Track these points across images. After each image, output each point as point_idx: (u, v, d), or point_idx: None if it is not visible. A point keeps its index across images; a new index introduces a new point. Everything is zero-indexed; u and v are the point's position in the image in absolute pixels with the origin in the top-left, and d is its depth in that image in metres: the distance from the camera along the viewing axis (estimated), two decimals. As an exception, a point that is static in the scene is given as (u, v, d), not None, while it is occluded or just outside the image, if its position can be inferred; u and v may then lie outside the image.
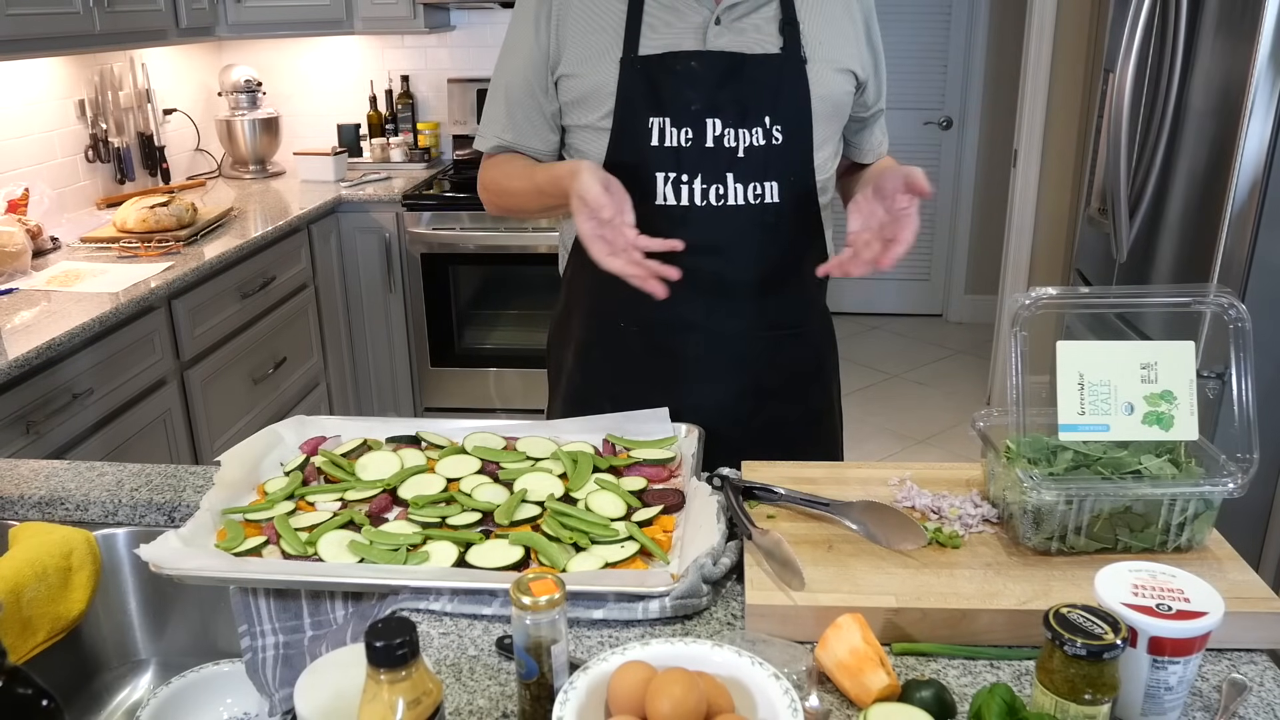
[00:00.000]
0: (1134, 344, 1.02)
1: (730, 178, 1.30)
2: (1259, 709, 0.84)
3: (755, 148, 1.30)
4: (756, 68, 1.29)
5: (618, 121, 1.31)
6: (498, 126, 1.41)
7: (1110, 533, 1.00)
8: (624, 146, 1.32)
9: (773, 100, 1.30)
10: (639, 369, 1.39)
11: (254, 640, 1.04)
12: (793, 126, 1.32)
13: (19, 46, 2.37)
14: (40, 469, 1.31)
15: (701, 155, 1.30)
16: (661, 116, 1.30)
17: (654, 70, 1.29)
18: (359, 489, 1.15)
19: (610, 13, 1.31)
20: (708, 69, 1.29)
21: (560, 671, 0.80)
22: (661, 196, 1.31)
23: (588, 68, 1.31)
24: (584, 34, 1.32)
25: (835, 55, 1.34)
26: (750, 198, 1.31)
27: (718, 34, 1.29)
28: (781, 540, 0.99)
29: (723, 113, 1.29)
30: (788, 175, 1.33)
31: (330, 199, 3.30)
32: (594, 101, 1.32)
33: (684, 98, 1.29)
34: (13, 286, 2.31)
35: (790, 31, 1.31)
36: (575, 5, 1.32)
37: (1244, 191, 1.96)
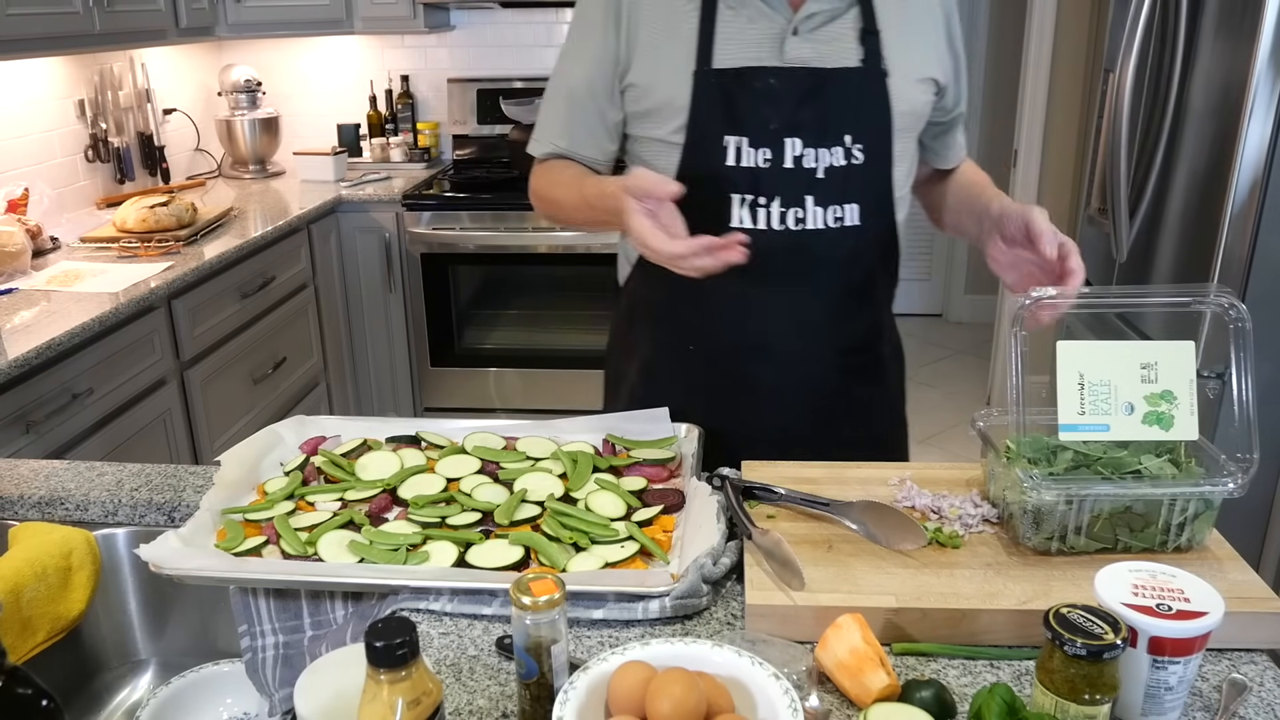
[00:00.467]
0: (1134, 344, 1.02)
1: (809, 200, 1.24)
2: (1259, 709, 0.84)
3: (835, 168, 1.24)
4: (837, 83, 1.23)
5: (690, 138, 1.25)
6: (553, 132, 1.35)
7: (1110, 533, 1.00)
8: (696, 164, 1.26)
9: (854, 117, 1.24)
10: (706, 389, 1.34)
11: (254, 640, 1.04)
12: (874, 144, 1.26)
13: (19, 46, 2.37)
14: (40, 469, 1.31)
15: (780, 177, 1.24)
16: (738, 135, 1.23)
17: (730, 86, 1.23)
18: (359, 489, 1.15)
19: (683, 19, 1.24)
20: (787, 86, 1.22)
21: (560, 671, 0.80)
22: (737, 219, 1.25)
23: (659, 79, 1.25)
24: (655, 41, 1.26)
25: (917, 64, 1.27)
26: (830, 221, 1.25)
27: (795, 45, 1.23)
28: (781, 540, 0.99)
29: (803, 132, 1.23)
30: (868, 196, 1.27)
31: (330, 199, 3.30)
32: (665, 115, 1.26)
33: (762, 116, 1.22)
34: (12, 286, 2.31)
35: (871, 41, 1.24)
36: (647, 8, 1.26)
37: (1244, 191, 1.96)
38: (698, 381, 1.35)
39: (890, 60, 1.25)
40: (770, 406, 1.33)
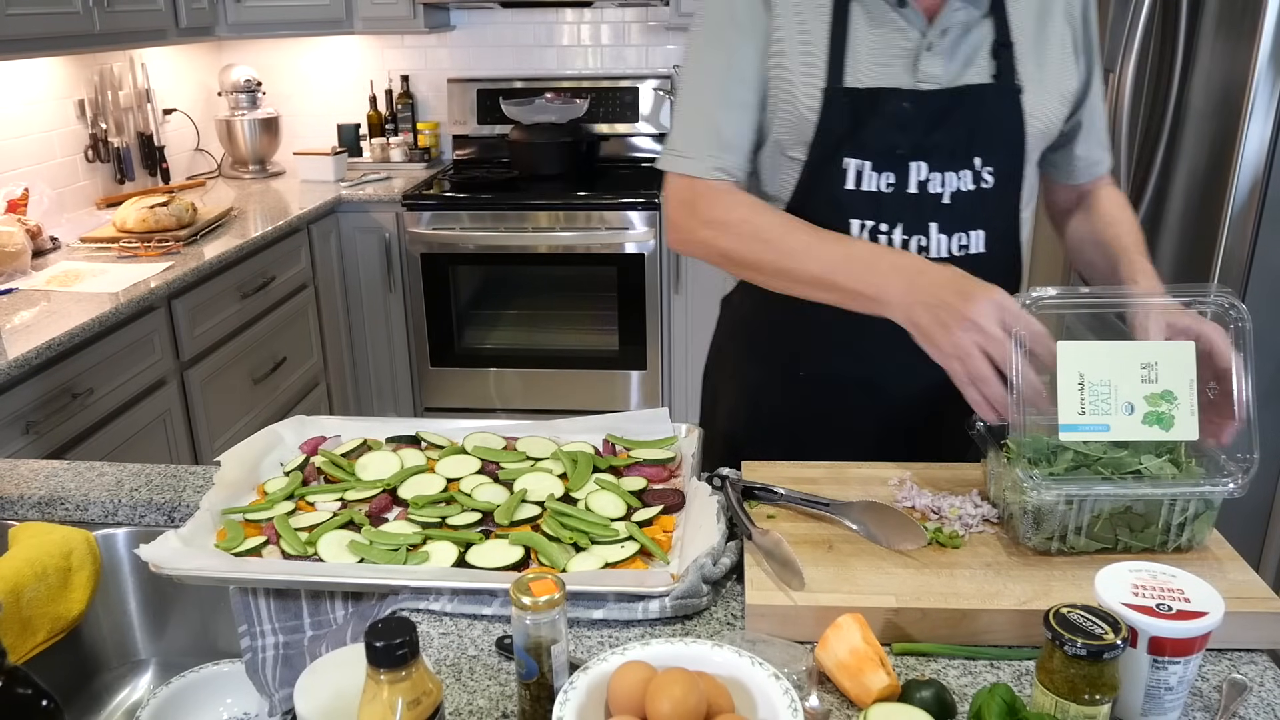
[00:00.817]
0: (1134, 344, 1.02)
1: (934, 228, 1.17)
2: (1259, 709, 0.84)
3: (963, 193, 1.17)
4: (971, 103, 1.16)
5: (812, 157, 1.18)
6: (709, 145, 1.20)
7: (1110, 533, 1.00)
8: (815, 184, 1.19)
9: (986, 139, 1.17)
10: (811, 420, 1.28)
11: (254, 640, 1.04)
12: (1005, 166, 1.19)
13: (19, 46, 2.37)
14: (40, 469, 1.31)
15: (903, 202, 1.17)
16: (860, 159, 1.17)
17: (861, 107, 1.15)
18: (359, 489, 1.15)
19: (817, 24, 1.16)
20: (921, 110, 1.15)
21: (560, 671, 0.80)
22: None
23: (789, 91, 1.17)
24: (788, 49, 1.17)
25: (1053, 77, 1.19)
26: (954, 249, 1.19)
27: (929, 61, 1.16)
28: (781, 540, 0.99)
29: (931, 156, 1.16)
30: (995, 221, 1.20)
31: (330, 199, 3.30)
32: (790, 129, 1.18)
33: (889, 141, 1.16)
34: (12, 286, 2.31)
35: (1004, 56, 1.17)
36: (782, 11, 1.17)
37: (1244, 191, 1.96)
38: (803, 412, 1.29)
39: (1024, 74, 1.18)
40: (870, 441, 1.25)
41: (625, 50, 3.80)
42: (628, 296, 3.37)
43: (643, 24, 3.76)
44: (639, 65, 3.81)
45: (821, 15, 1.16)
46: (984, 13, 1.17)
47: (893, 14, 1.16)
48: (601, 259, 3.34)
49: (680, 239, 1.23)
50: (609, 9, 3.73)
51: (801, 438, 1.27)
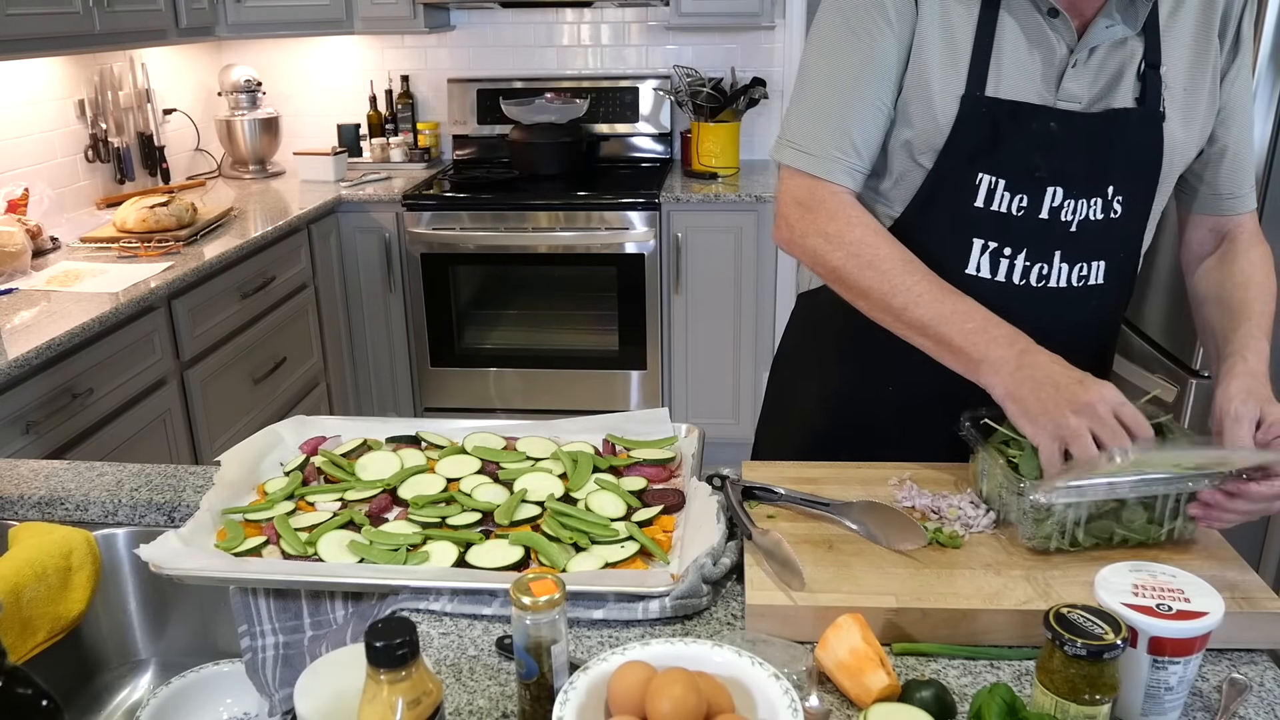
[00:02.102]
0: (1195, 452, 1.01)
1: (1057, 256, 1.13)
2: (1259, 709, 0.84)
3: (1091, 221, 1.12)
4: (1112, 128, 1.11)
5: (941, 166, 1.12)
6: (837, 145, 1.13)
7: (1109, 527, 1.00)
8: (940, 196, 1.14)
9: (1123, 167, 1.12)
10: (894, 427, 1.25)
11: (254, 640, 1.04)
12: (1136, 196, 1.14)
13: (19, 46, 2.37)
14: (40, 469, 1.31)
15: (1031, 227, 1.11)
16: (995, 176, 1.11)
17: (1001, 119, 1.10)
18: (359, 489, 1.15)
19: (964, 25, 1.10)
20: (1068, 133, 1.10)
21: (560, 671, 0.80)
22: (974, 266, 1.13)
23: (924, 93, 1.11)
24: (929, 47, 1.10)
25: (1197, 104, 1.13)
26: (1074, 279, 1.14)
27: (1074, 77, 1.11)
28: (781, 540, 0.99)
29: (1068, 182, 1.11)
30: (1118, 253, 1.15)
31: (330, 199, 3.30)
32: (921, 133, 1.13)
33: (1029, 162, 1.10)
34: (13, 286, 2.31)
35: (1151, 78, 1.10)
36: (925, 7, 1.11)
37: (1244, 191, 1.95)
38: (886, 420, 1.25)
39: (1170, 100, 1.12)
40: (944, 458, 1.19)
41: (625, 50, 3.80)
42: (628, 296, 3.37)
43: (643, 24, 3.76)
44: (639, 65, 3.81)
45: (969, 16, 1.10)
46: (1136, 31, 1.11)
47: (1044, 24, 1.10)
48: (601, 259, 3.34)
49: (789, 239, 1.17)
50: (609, 9, 3.74)
51: (880, 447, 1.22)
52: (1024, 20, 1.11)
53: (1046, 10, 1.10)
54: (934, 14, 1.11)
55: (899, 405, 1.24)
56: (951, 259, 1.14)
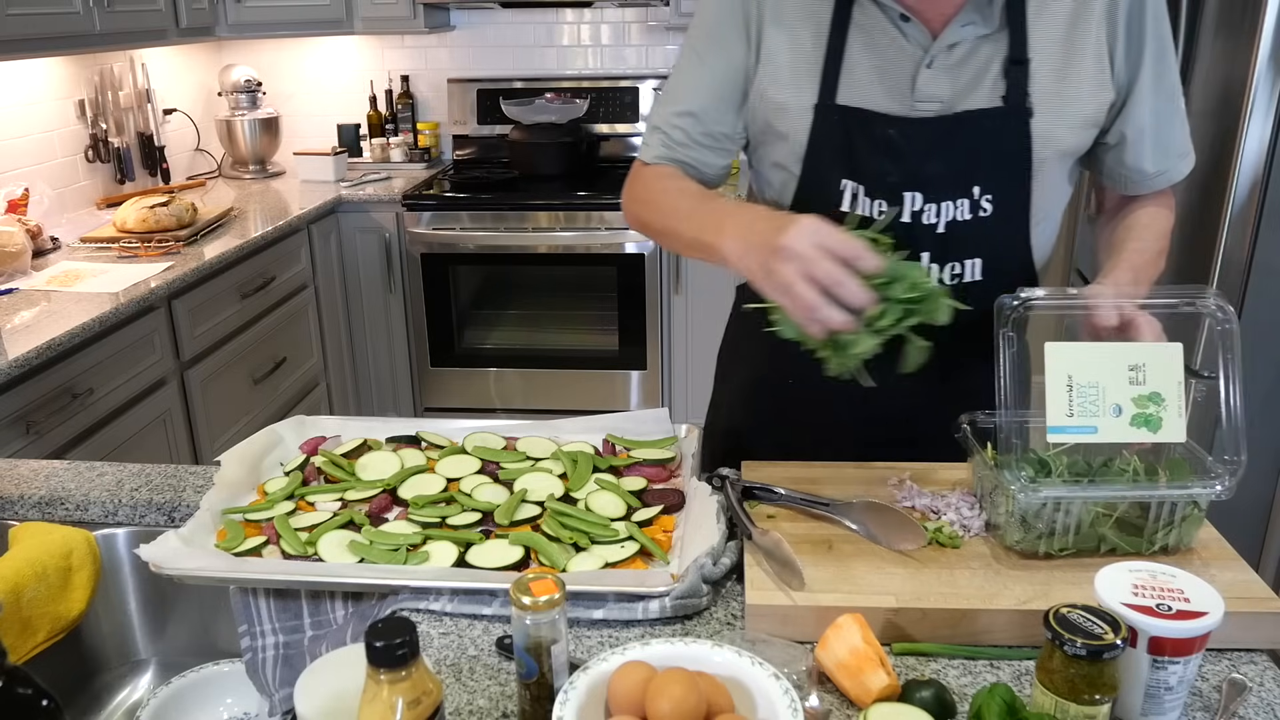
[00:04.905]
0: (1123, 345, 1.02)
1: (925, 257, 1.14)
2: (1259, 709, 0.84)
3: (958, 223, 1.13)
4: (970, 129, 1.11)
5: (806, 173, 1.16)
6: (659, 142, 1.23)
7: (1097, 536, 1.00)
8: (811, 201, 1.16)
9: (986, 167, 1.12)
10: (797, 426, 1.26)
11: (254, 640, 1.04)
12: (1006, 193, 1.13)
13: (19, 46, 2.37)
14: (40, 469, 1.31)
15: (895, 231, 1.11)
16: (855, 182, 1.14)
17: (851, 127, 1.13)
18: (359, 489, 1.15)
19: (812, 40, 1.14)
20: (910, 139, 1.11)
21: (560, 671, 0.80)
22: None
23: (780, 104, 1.15)
24: (781, 61, 1.15)
25: (1075, 97, 1.11)
26: (947, 278, 1.15)
27: (929, 79, 1.11)
28: (781, 540, 0.99)
29: (925, 186, 1.12)
30: (996, 248, 1.15)
31: (330, 199, 3.30)
32: (784, 143, 1.17)
33: (880, 168, 1.13)
34: (13, 286, 2.31)
35: (1017, 74, 1.10)
36: (774, 24, 1.15)
37: (1244, 192, 1.96)
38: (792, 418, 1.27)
39: (1038, 94, 1.10)
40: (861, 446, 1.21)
41: (625, 50, 3.80)
42: (628, 296, 3.37)
43: (643, 24, 3.76)
44: (639, 65, 3.81)
45: (820, 29, 1.13)
46: (996, 27, 1.10)
47: (895, 30, 1.12)
48: (601, 259, 3.34)
49: (626, 216, 1.28)
50: (609, 9, 3.74)
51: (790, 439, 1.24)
52: (874, 27, 1.12)
53: (897, 16, 1.11)
54: (782, 31, 1.15)
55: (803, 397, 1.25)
56: None
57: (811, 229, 0.95)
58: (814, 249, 0.94)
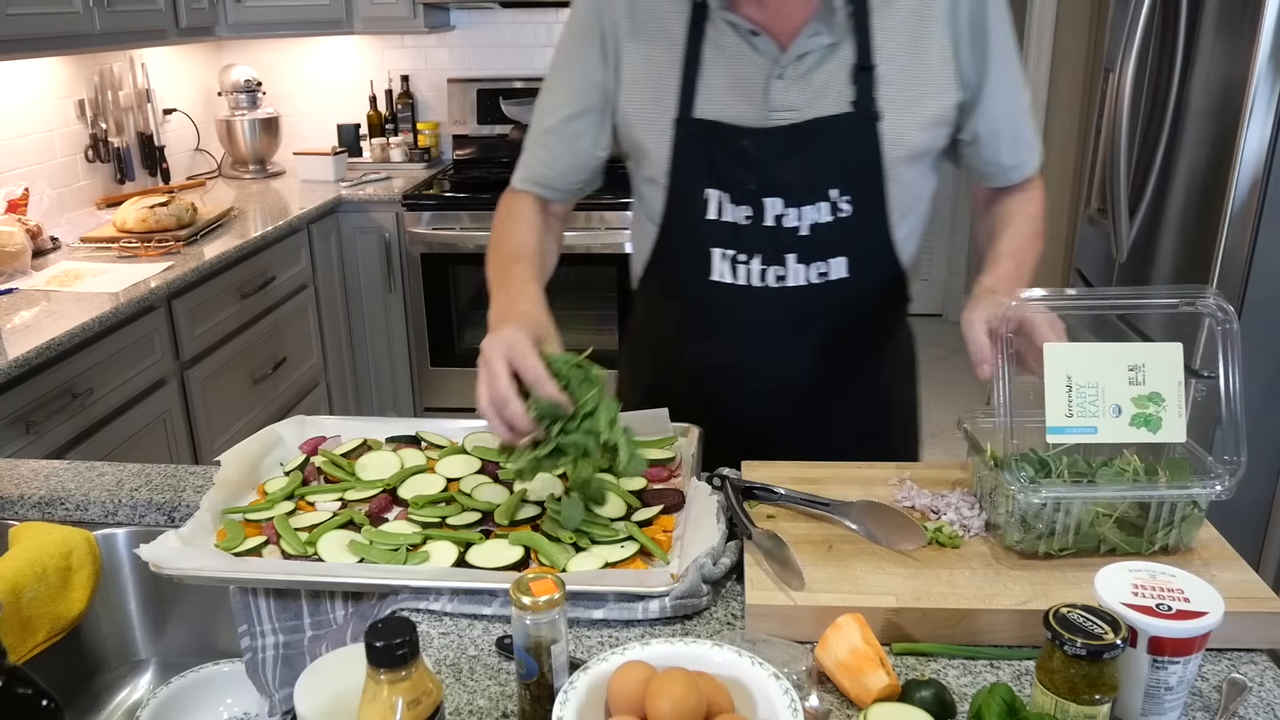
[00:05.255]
0: (1122, 345, 1.02)
1: (791, 259, 1.19)
2: (1259, 709, 0.84)
3: (820, 225, 1.18)
4: (822, 135, 1.15)
5: (672, 186, 1.22)
6: (526, 167, 1.32)
7: (1097, 536, 1.00)
8: (679, 212, 1.23)
9: (840, 171, 1.17)
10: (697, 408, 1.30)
11: (254, 640, 1.04)
12: (864, 194, 1.18)
13: (19, 46, 2.37)
14: (40, 469, 1.31)
15: (760, 235, 1.19)
16: (719, 190, 1.19)
17: (710, 139, 1.18)
18: (359, 489, 1.15)
19: (667, 58, 1.18)
20: (763, 149, 1.16)
21: (560, 671, 0.80)
22: (718, 273, 1.21)
23: (641, 120, 1.21)
24: (639, 79, 1.21)
25: (921, 98, 1.15)
26: (813, 277, 1.20)
27: (781, 90, 1.15)
28: (781, 540, 0.99)
29: (784, 192, 1.17)
30: (859, 246, 1.20)
31: (330, 199, 3.30)
32: (648, 157, 1.22)
33: (740, 177, 1.18)
34: (13, 286, 2.31)
35: (864, 80, 1.14)
36: (631, 42, 1.20)
37: (1244, 191, 1.96)
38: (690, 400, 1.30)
39: (885, 99, 1.15)
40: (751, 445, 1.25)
41: (625, 50, 3.80)
42: (628, 297, 3.36)
43: (643, 24, 3.76)
44: (639, 65, 3.81)
45: (675, 46, 1.18)
46: (841, 36, 1.14)
47: (745, 45, 1.16)
48: (601, 259, 3.35)
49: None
50: (609, 9, 3.73)
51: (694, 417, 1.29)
52: (727, 43, 1.16)
53: (747, 32, 1.15)
54: (639, 48, 1.20)
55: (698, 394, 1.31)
56: (697, 268, 1.23)
57: (506, 341, 1.01)
58: (500, 363, 1.00)
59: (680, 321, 1.31)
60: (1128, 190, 2.35)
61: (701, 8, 1.17)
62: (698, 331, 1.28)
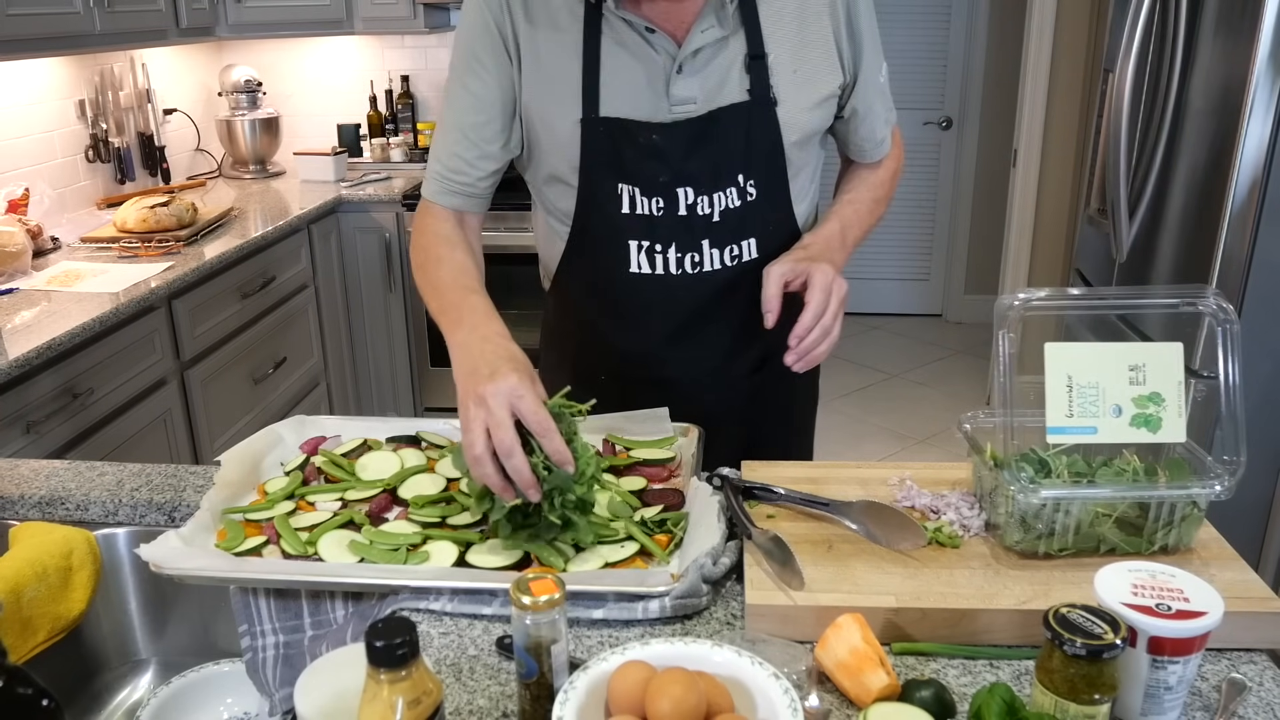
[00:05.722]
0: (1122, 345, 1.02)
1: (706, 244, 1.24)
2: (1259, 709, 0.84)
3: (730, 210, 1.23)
4: (724, 125, 1.20)
5: (584, 183, 1.24)
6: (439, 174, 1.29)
7: (1097, 536, 1.00)
8: (593, 209, 1.26)
9: (744, 157, 1.22)
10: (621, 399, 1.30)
11: (254, 640, 1.04)
12: (767, 177, 1.24)
13: (19, 46, 2.37)
14: (40, 469, 1.31)
15: (674, 224, 1.23)
16: (630, 185, 1.22)
17: (617, 136, 1.20)
18: (359, 489, 1.15)
19: (568, 55, 1.20)
20: (670, 141, 1.20)
21: (560, 671, 0.80)
22: (636, 265, 1.26)
23: (549, 121, 1.23)
24: (543, 80, 1.22)
25: (810, 82, 1.22)
26: (727, 260, 1.26)
27: (681, 84, 1.19)
28: (782, 540, 0.99)
29: (693, 181, 1.22)
30: (766, 227, 1.26)
31: (330, 199, 3.30)
32: (558, 157, 1.24)
33: (650, 170, 1.21)
34: (13, 286, 2.31)
35: (757, 68, 1.19)
36: (530, 44, 1.21)
37: (1244, 191, 1.96)
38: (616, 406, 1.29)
39: (779, 85, 1.20)
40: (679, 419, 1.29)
41: (625, 50, 3.80)
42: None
43: (643, 24, 3.76)
44: (639, 65, 3.81)
45: (574, 48, 1.20)
46: (732, 29, 1.19)
47: (642, 42, 1.19)
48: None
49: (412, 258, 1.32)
50: (609, 9, 3.73)
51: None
52: (626, 40, 1.19)
53: (643, 29, 1.18)
54: (539, 48, 1.21)
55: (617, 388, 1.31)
56: (614, 262, 1.26)
57: (511, 390, 0.99)
58: (504, 410, 0.98)
59: (599, 316, 1.33)
60: (1128, 190, 2.35)
61: (596, 6, 1.18)
62: (617, 324, 1.31)
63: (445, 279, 1.21)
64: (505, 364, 1.03)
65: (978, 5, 4.62)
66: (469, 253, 1.27)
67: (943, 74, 4.76)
